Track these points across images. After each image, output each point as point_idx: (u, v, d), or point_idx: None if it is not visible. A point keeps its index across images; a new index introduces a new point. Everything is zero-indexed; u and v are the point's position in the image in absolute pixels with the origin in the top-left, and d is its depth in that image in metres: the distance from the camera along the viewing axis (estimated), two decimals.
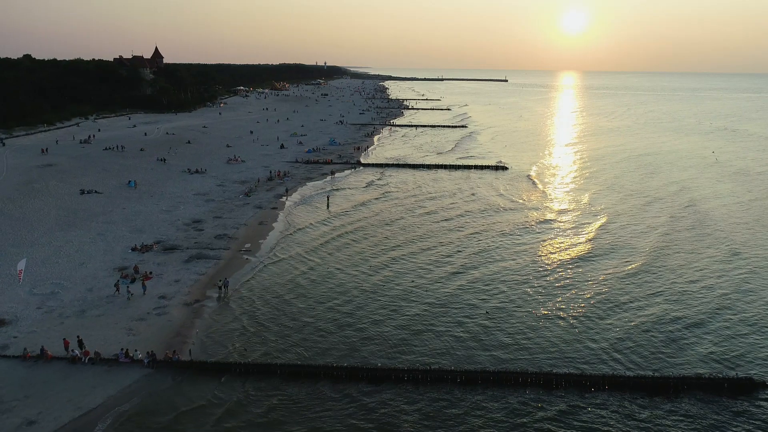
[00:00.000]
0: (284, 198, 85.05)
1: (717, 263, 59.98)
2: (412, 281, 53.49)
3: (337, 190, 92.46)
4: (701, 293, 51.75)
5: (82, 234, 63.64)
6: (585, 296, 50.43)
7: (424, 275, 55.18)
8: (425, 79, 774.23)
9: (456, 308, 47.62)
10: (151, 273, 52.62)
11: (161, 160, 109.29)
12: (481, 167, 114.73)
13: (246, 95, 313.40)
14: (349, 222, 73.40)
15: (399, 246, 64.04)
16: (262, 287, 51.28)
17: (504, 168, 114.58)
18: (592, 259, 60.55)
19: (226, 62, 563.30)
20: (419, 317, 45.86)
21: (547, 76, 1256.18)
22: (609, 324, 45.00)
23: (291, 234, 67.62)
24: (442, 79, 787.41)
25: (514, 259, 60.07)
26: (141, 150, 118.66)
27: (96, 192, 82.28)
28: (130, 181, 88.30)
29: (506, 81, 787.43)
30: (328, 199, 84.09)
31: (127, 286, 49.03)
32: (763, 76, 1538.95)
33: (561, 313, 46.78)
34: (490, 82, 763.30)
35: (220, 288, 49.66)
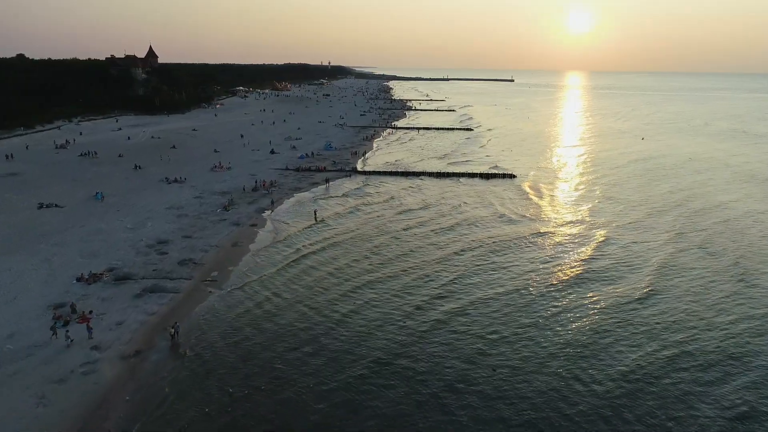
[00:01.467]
0: (267, 212, 76.43)
1: (742, 293, 51.01)
2: (403, 324, 44.77)
3: (327, 200, 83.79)
4: (722, 330, 42.86)
5: (25, 259, 55.21)
6: (587, 343, 41.59)
7: (408, 317, 46.45)
8: (431, 79, 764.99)
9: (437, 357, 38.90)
10: (90, 312, 44.12)
11: (137, 167, 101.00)
12: (487, 176, 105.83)
13: (245, 96, 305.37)
14: (334, 243, 64.62)
15: (389, 277, 55.23)
16: (219, 334, 42.42)
17: (511, 176, 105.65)
18: (608, 290, 51.64)
19: (231, 62, 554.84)
20: (385, 372, 37.14)
21: (554, 76, 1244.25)
22: (615, 381, 36.17)
23: (268, 258, 58.94)
24: (447, 79, 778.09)
25: (512, 292, 51.20)
26: (119, 156, 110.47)
27: (56, 206, 73.99)
28: (97, 193, 79.93)
29: (512, 81, 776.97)
30: (315, 214, 75.38)
31: (66, 331, 40.60)
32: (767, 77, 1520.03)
33: (555, 365, 38.03)
34: (496, 82, 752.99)
35: (171, 335, 41.00)
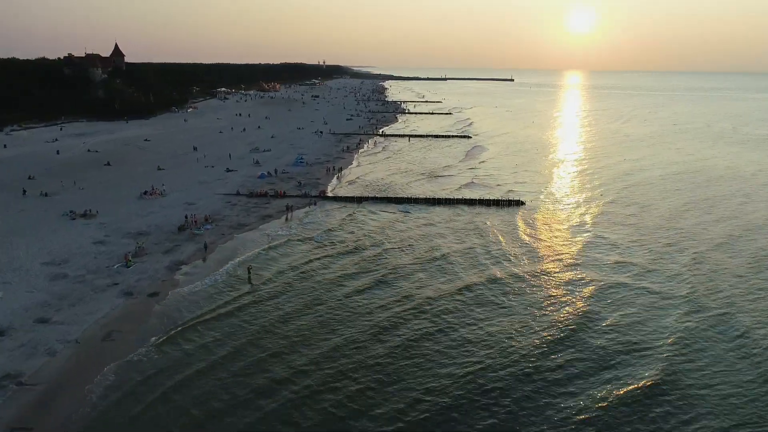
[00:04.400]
0: (184, 268, 54.76)
1: None
2: None
3: (276, 238, 62.26)
4: None
5: None
6: None
7: None
8: (428, 79, 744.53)
9: None
10: None
11: (44, 195, 79.50)
12: (488, 202, 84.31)
13: (225, 98, 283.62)
14: (262, 333, 43.10)
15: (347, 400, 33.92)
16: None
17: (518, 203, 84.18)
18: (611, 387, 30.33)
19: (230, 62, 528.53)
20: None
21: (554, 76, 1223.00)
22: None
23: (148, 367, 37.40)
24: (445, 79, 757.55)
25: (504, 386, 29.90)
26: (29, 178, 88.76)
27: None
28: None
29: (512, 80, 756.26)
30: (249, 272, 53.91)
31: None
32: None
33: None
34: (495, 81, 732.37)
35: None
